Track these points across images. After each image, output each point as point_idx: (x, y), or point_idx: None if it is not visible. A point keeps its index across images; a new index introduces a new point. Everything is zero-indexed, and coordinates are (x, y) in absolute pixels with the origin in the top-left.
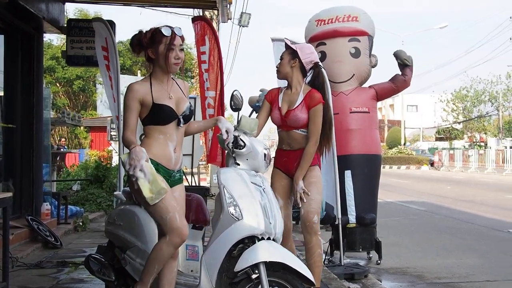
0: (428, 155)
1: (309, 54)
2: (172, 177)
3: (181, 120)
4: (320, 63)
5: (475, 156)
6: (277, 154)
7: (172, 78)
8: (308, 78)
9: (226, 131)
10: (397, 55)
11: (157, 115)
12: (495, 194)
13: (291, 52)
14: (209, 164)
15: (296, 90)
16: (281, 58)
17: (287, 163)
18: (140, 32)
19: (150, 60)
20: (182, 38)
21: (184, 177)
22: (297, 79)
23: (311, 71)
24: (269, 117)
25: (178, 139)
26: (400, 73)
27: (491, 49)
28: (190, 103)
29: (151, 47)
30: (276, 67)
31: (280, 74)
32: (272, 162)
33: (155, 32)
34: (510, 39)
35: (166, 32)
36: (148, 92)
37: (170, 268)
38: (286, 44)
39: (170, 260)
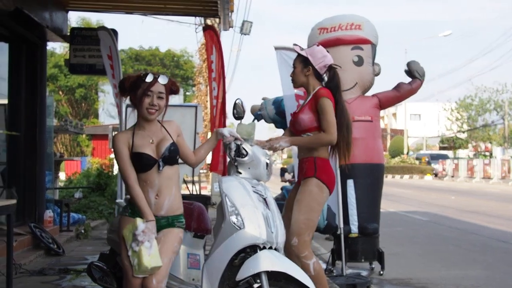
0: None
1: (321, 59)
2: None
3: (161, 164)
4: (335, 65)
5: (480, 166)
6: None
7: (158, 121)
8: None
9: (230, 134)
10: (409, 65)
11: (136, 164)
12: (500, 205)
13: (302, 60)
14: (210, 173)
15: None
16: (294, 67)
17: (299, 172)
18: (125, 77)
19: (134, 106)
20: (167, 86)
21: (182, 219)
22: (313, 86)
23: (326, 73)
24: None
25: (160, 184)
26: (404, 81)
27: (496, 57)
28: (171, 143)
29: (132, 91)
30: (291, 76)
31: (296, 84)
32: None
33: (138, 77)
34: None
35: (148, 78)
36: (130, 140)
37: None
38: (296, 51)
39: None
